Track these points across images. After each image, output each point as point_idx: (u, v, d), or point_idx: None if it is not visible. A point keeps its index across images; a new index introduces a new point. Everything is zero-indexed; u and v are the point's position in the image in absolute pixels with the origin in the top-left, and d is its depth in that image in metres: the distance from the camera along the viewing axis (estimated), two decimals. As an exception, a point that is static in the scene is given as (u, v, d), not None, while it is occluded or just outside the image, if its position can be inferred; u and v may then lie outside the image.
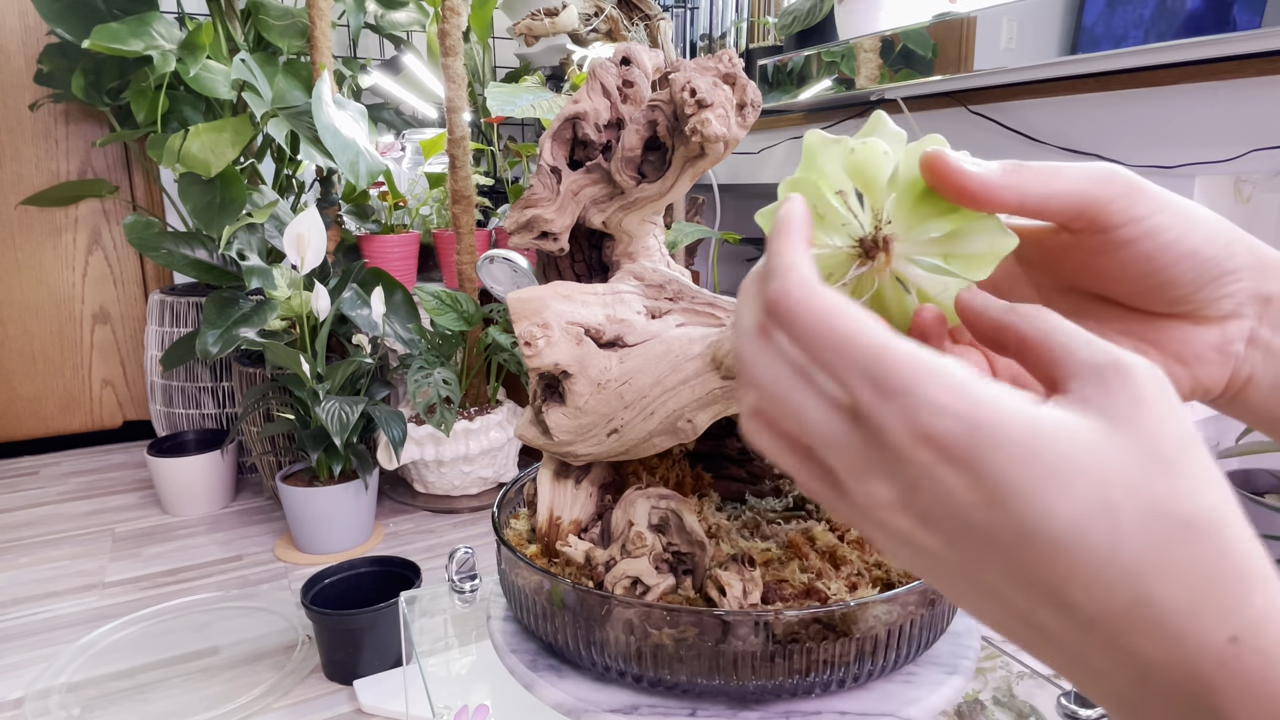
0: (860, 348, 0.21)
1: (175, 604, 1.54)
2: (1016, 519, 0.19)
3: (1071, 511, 0.18)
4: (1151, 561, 0.18)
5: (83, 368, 2.40)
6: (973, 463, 0.19)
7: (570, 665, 0.48)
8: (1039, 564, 0.19)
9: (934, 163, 0.25)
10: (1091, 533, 0.18)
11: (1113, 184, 0.25)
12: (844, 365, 0.21)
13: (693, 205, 2.00)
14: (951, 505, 0.20)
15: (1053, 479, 0.19)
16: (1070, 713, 0.50)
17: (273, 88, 1.87)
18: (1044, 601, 0.19)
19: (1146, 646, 0.18)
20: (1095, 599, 0.19)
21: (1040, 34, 1.02)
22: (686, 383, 0.46)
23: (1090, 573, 0.18)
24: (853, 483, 0.22)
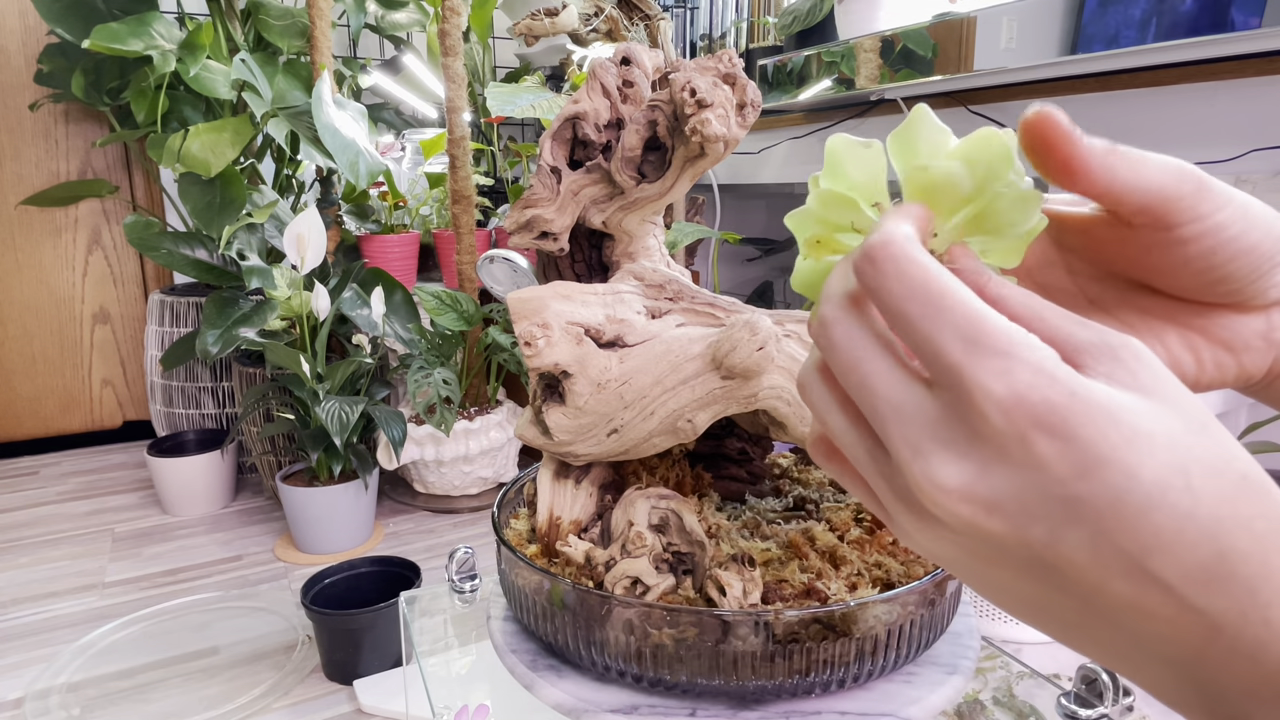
0: (959, 306, 0.20)
1: (175, 604, 1.54)
2: (1106, 487, 0.19)
3: (1153, 474, 0.19)
4: (1225, 518, 0.19)
5: (83, 368, 2.40)
6: (1068, 431, 0.19)
7: (570, 665, 0.48)
8: (1125, 533, 0.19)
9: (1043, 125, 0.23)
10: (1171, 492, 0.19)
11: (1185, 182, 0.24)
12: (940, 322, 0.20)
13: (693, 205, 2.00)
14: (1038, 480, 0.20)
15: (1133, 444, 0.19)
16: (1070, 713, 0.50)
17: (273, 88, 1.87)
18: (1121, 573, 0.19)
19: (1221, 603, 0.19)
20: (1178, 560, 0.19)
21: (1040, 34, 1.02)
22: (686, 383, 0.46)
23: (1174, 533, 0.19)
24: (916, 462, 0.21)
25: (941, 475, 0.21)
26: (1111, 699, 0.49)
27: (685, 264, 1.85)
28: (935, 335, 0.21)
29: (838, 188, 0.26)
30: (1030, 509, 0.20)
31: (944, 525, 0.21)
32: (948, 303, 0.21)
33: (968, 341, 0.20)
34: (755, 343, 0.44)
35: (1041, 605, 0.22)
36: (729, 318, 0.49)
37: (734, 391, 0.46)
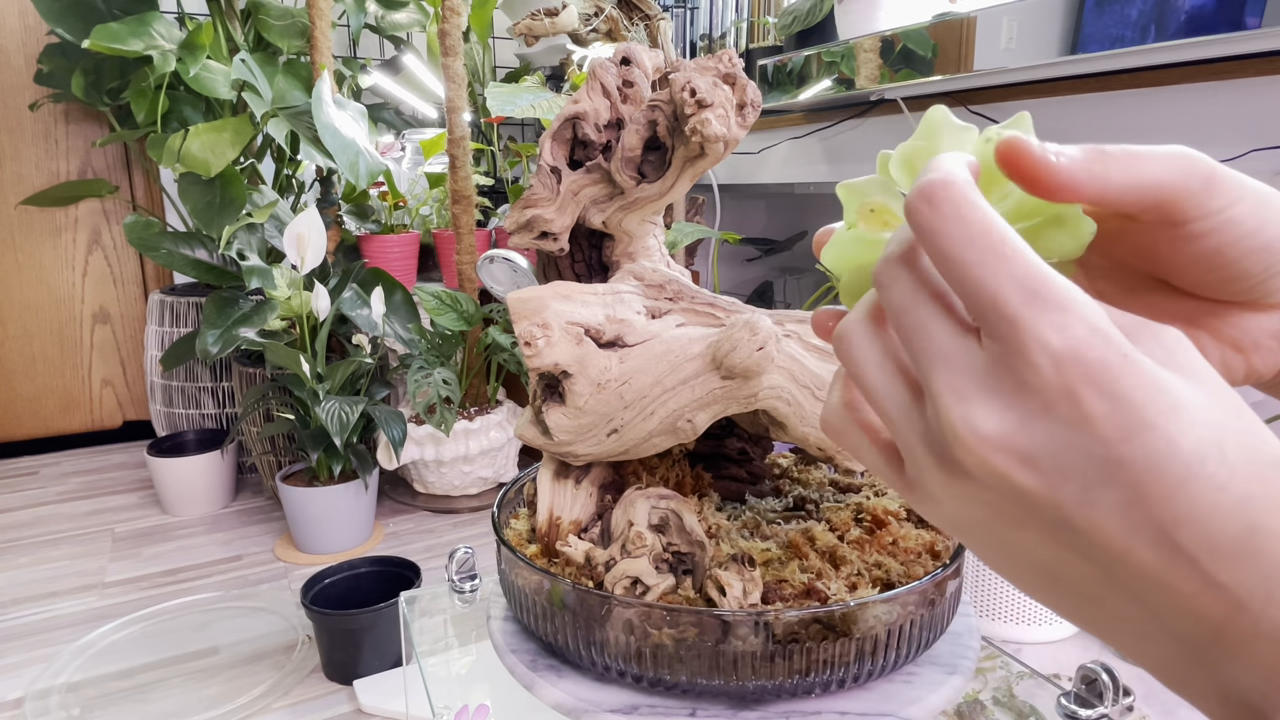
0: (1019, 256, 0.20)
1: (175, 604, 1.54)
2: (1149, 452, 0.19)
3: (1192, 445, 0.19)
4: (1257, 493, 0.19)
5: (83, 368, 2.40)
6: (1118, 391, 0.19)
7: (570, 665, 0.48)
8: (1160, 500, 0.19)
9: (1012, 151, 0.23)
10: (1209, 464, 0.19)
11: (1192, 177, 0.23)
12: (999, 270, 0.20)
13: (693, 205, 2.00)
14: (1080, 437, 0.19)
15: (1177, 413, 0.19)
16: (1070, 713, 0.50)
17: (273, 88, 1.87)
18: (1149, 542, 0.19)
19: (1247, 580, 0.19)
20: (1207, 534, 0.19)
21: (1040, 34, 1.02)
22: (686, 383, 0.46)
23: (1208, 505, 0.19)
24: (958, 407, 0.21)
25: (982, 422, 0.20)
26: (1111, 699, 0.49)
27: (685, 264, 1.85)
28: (993, 282, 0.20)
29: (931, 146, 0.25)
30: (1066, 466, 0.20)
31: (973, 480, 0.21)
32: (1008, 251, 0.20)
33: (1027, 292, 0.20)
34: (755, 343, 0.44)
35: (1059, 574, 0.21)
36: (729, 318, 0.49)
37: (734, 391, 0.46)
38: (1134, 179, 0.23)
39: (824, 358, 0.49)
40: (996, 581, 1.18)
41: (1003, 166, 0.23)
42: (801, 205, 2.42)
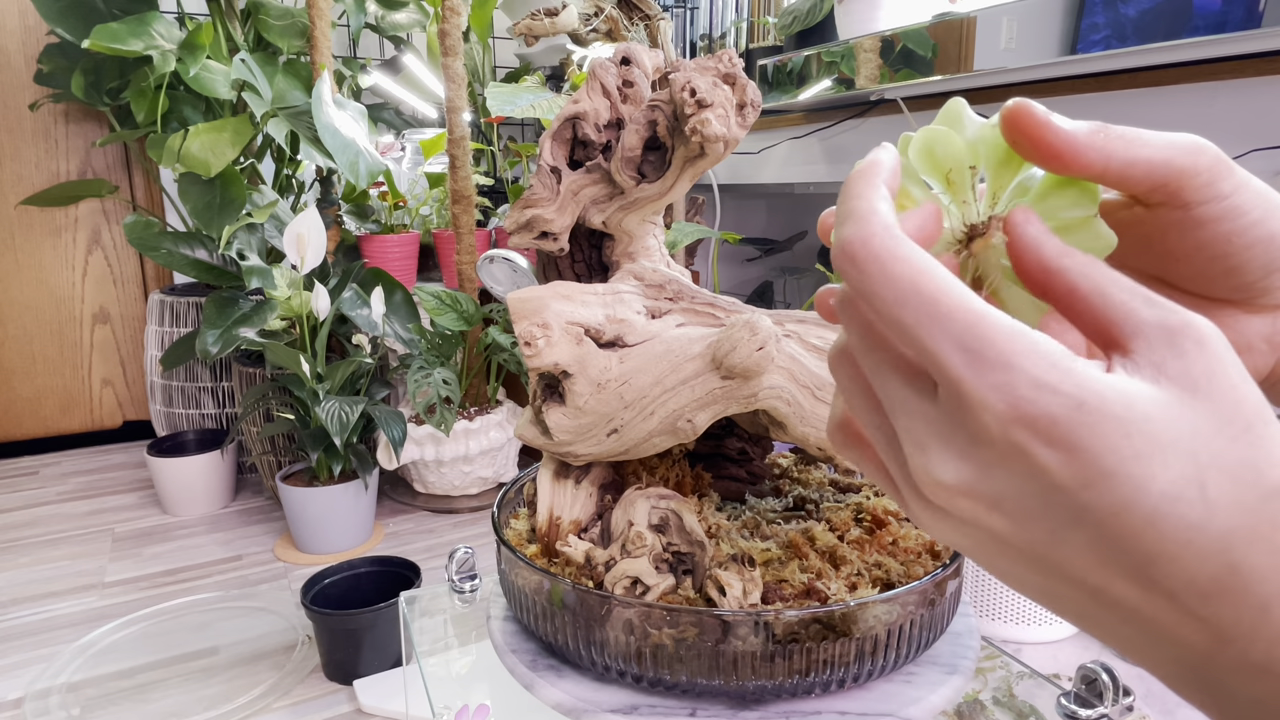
0: (953, 312, 0.20)
1: (175, 604, 1.54)
2: (1112, 497, 0.18)
3: (1163, 487, 0.18)
4: (1239, 531, 0.18)
5: (83, 368, 2.40)
6: (1073, 443, 0.19)
7: (570, 665, 0.48)
8: (1128, 540, 0.19)
9: (1018, 115, 0.23)
10: (1182, 504, 0.18)
11: (1200, 156, 0.23)
12: (935, 331, 0.20)
13: (693, 205, 2.00)
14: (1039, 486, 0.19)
15: (1145, 455, 0.18)
16: (1070, 713, 0.50)
17: (273, 88, 1.87)
18: (1123, 576, 0.19)
19: (1229, 615, 0.18)
20: (1183, 570, 0.18)
21: (1040, 34, 1.02)
22: (686, 383, 0.46)
23: (1180, 545, 0.18)
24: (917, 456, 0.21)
25: (941, 472, 0.21)
26: (1111, 699, 0.49)
27: (685, 264, 1.85)
28: (931, 345, 0.20)
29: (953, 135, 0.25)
30: (1032, 510, 0.20)
31: (950, 517, 0.21)
32: (942, 309, 0.20)
33: (966, 351, 0.19)
34: (755, 343, 0.44)
35: (1053, 595, 0.21)
36: (729, 318, 0.49)
37: (734, 391, 0.46)
38: (1138, 154, 0.23)
39: (824, 358, 0.49)
40: (996, 581, 1.18)
41: (1008, 131, 0.23)
42: (801, 205, 2.42)
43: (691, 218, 1.98)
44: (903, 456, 0.22)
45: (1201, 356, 0.19)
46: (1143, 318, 0.20)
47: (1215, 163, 0.23)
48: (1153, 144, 0.23)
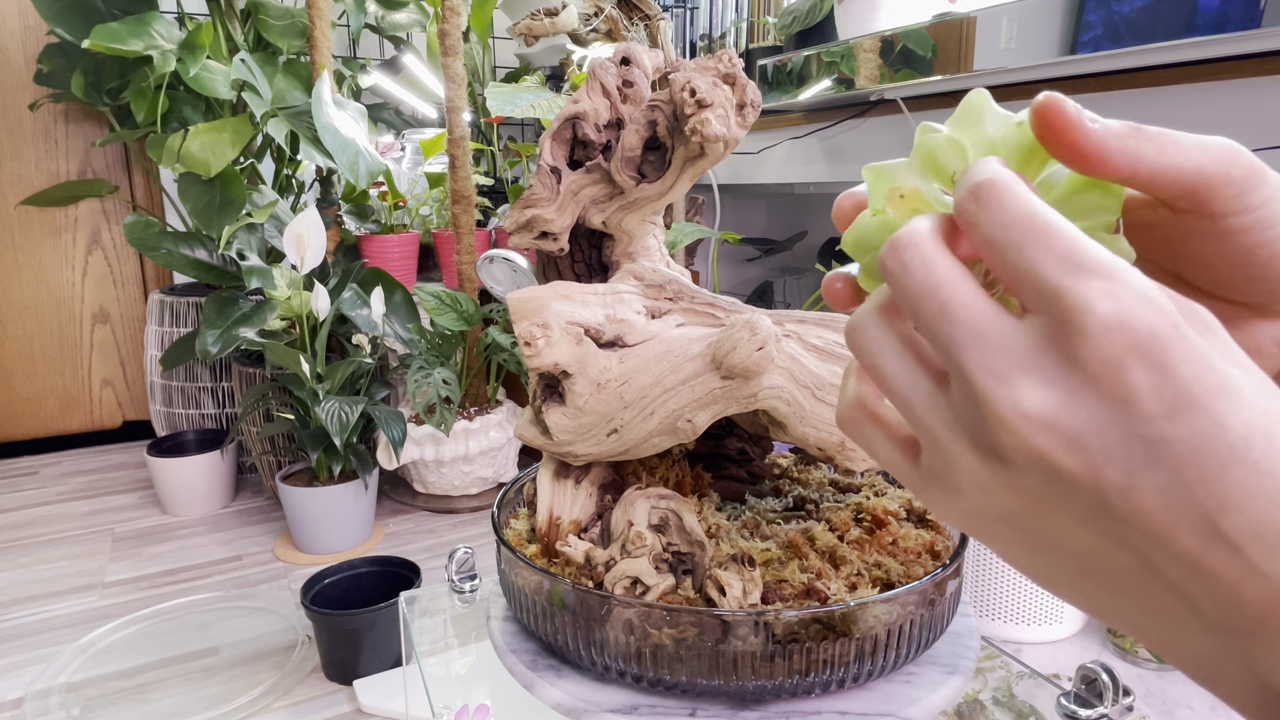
0: (1064, 234, 0.20)
1: (175, 604, 1.54)
2: (1192, 431, 0.18)
3: (1239, 428, 0.18)
4: None
5: (82, 368, 2.40)
6: (1166, 364, 0.19)
7: (570, 665, 0.48)
8: (1202, 484, 0.18)
9: (1049, 111, 0.22)
10: (1254, 449, 0.18)
11: (1233, 166, 0.23)
12: (1043, 246, 0.20)
13: (693, 205, 2.00)
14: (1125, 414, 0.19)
15: (1224, 393, 0.19)
16: (1070, 713, 0.50)
17: (273, 88, 1.87)
18: (1189, 527, 0.19)
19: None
20: (1250, 520, 0.18)
21: (1040, 34, 1.02)
22: (686, 383, 0.46)
23: (1253, 490, 0.18)
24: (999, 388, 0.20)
25: (1028, 401, 0.20)
26: (1111, 699, 0.49)
27: (685, 264, 1.85)
28: (1037, 259, 0.20)
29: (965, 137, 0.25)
30: (1111, 447, 0.19)
31: (1010, 466, 0.21)
32: (1052, 230, 0.20)
33: (1072, 265, 0.20)
34: (755, 343, 0.44)
35: (1092, 566, 0.21)
36: (729, 318, 0.49)
37: (734, 391, 0.46)
38: (1169, 161, 0.23)
39: (824, 358, 0.49)
40: (996, 581, 1.18)
41: (1037, 126, 0.23)
42: (801, 205, 2.42)
43: (691, 218, 1.98)
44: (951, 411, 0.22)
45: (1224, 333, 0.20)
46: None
47: (1248, 173, 0.23)
48: (1186, 150, 0.23)
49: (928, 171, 0.25)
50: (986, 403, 0.21)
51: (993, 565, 1.18)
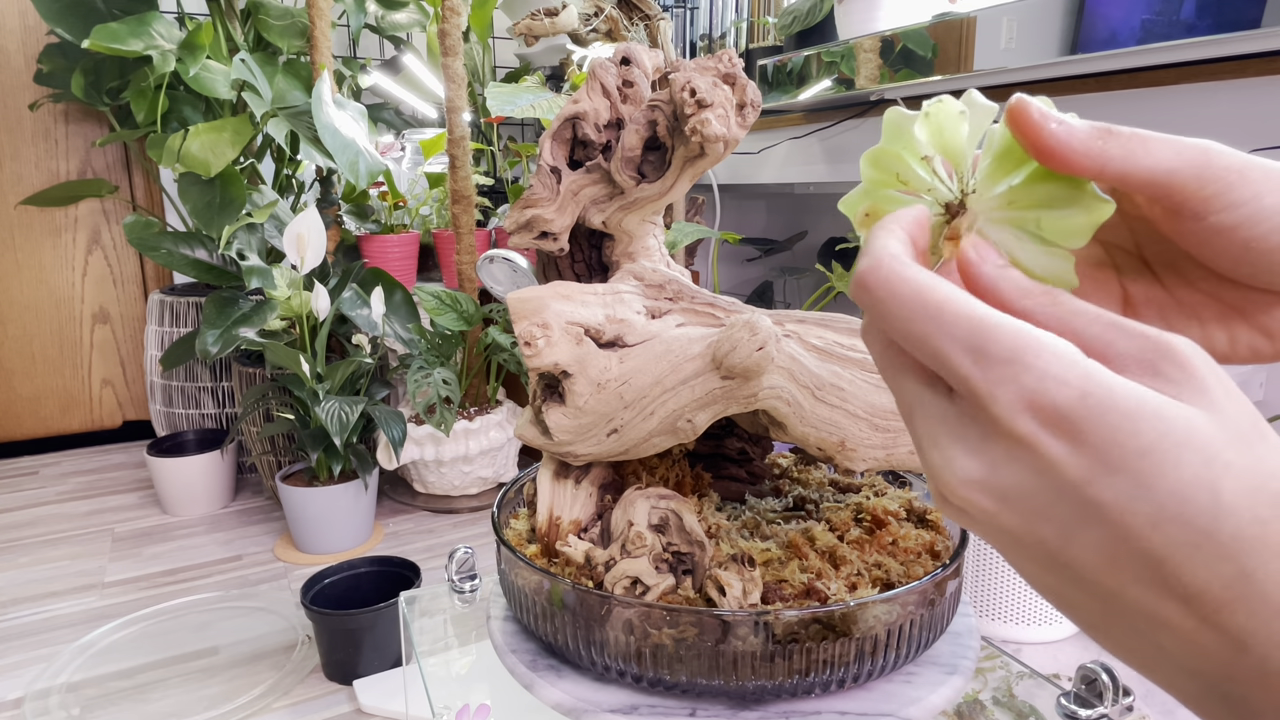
0: (957, 319, 0.21)
1: (175, 604, 1.54)
2: (1116, 493, 0.19)
3: (1171, 486, 0.18)
4: (1251, 536, 0.18)
5: (82, 368, 2.40)
6: (1079, 433, 0.19)
7: (570, 665, 0.48)
8: (1135, 540, 0.19)
9: (1017, 113, 0.24)
10: (1190, 506, 0.18)
11: (1206, 169, 0.23)
12: (943, 337, 0.21)
13: (693, 205, 2.00)
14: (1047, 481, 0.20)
15: (1154, 452, 0.18)
16: (1070, 713, 0.50)
17: (273, 88, 1.87)
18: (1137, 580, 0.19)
19: (1246, 622, 0.18)
20: (1193, 575, 0.18)
21: (1040, 34, 1.02)
22: (686, 383, 0.46)
23: (1189, 547, 0.18)
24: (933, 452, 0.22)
25: (956, 469, 0.21)
26: (1111, 699, 0.49)
27: (685, 264, 1.85)
28: (941, 350, 0.21)
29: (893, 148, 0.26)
30: (1041, 508, 0.20)
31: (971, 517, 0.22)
32: (947, 316, 0.21)
33: (972, 351, 0.20)
34: (755, 343, 0.44)
35: (1067, 600, 0.21)
36: (729, 318, 0.49)
37: (734, 391, 0.46)
38: (1137, 162, 0.23)
39: (824, 358, 0.49)
40: (996, 581, 1.18)
41: (1009, 125, 0.24)
42: (801, 205, 2.42)
43: (691, 218, 1.98)
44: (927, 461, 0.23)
45: (1187, 377, 0.19)
46: (1121, 350, 0.20)
47: (1225, 173, 0.23)
48: (1156, 153, 0.23)
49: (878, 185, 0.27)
50: (928, 463, 0.22)
51: (993, 565, 1.18)
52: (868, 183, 0.27)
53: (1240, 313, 0.26)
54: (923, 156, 0.26)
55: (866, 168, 0.27)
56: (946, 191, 0.26)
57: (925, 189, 0.26)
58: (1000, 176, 0.25)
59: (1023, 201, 0.25)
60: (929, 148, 0.26)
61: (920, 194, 0.26)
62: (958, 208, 0.26)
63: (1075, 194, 0.24)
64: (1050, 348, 0.20)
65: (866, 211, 0.28)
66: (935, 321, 0.21)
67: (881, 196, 0.27)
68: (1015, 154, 0.25)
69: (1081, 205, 0.24)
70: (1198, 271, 0.26)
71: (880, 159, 0.27)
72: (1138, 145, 0.23)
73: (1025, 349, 0.20)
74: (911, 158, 0.26)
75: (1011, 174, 0.25)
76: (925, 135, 0.26)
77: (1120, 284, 0.28)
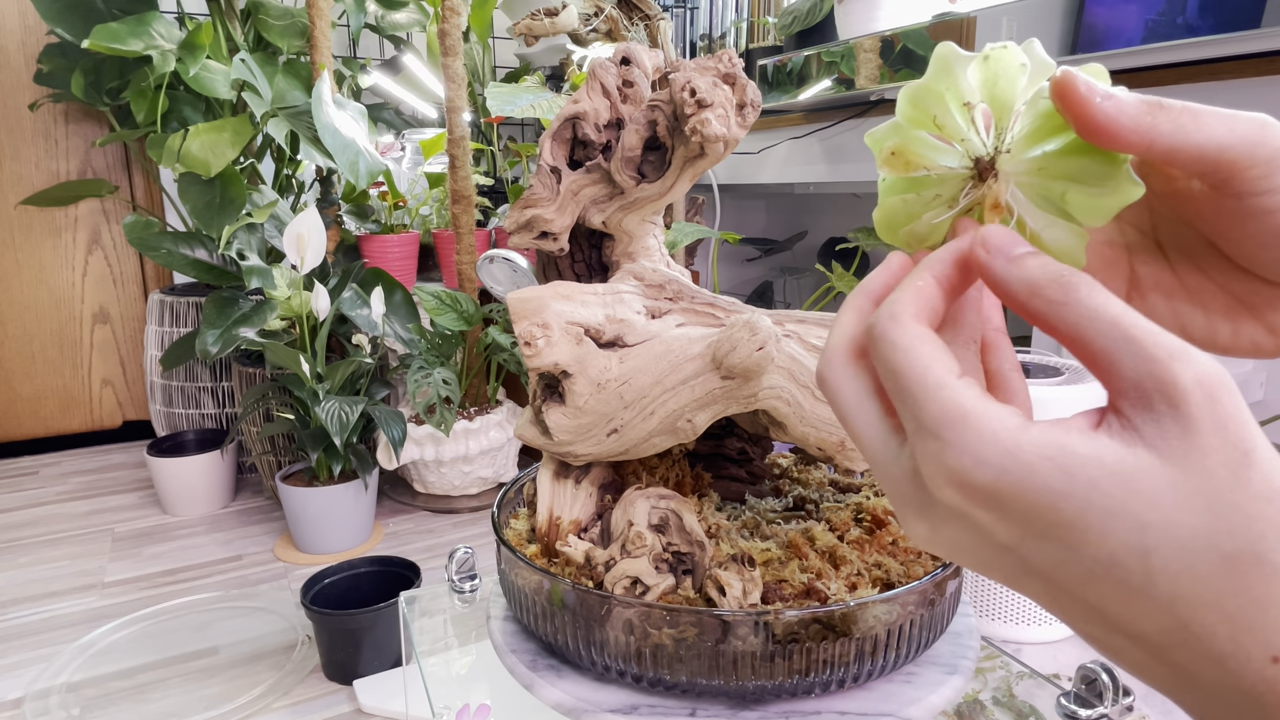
0: (915, 383, 0.21)
1: (175, 604, 1.54)
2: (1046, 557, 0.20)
3: (1095, 553, 0.19)
4: (1188, 595, 0.18)
5: (82, 368, 2.40)
6: (1002, 505, 0.20)
7: (570, 665, 0.48)
8: (1073, 592, 0.20)
9: (1063, 86, 0.23)
10: (1118, 570, 0.19)
11: (1260, 148, 0.22)
12: (900, 398, 0.22)
13: (693, 205, 2.00)
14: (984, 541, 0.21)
15: (1078, 523, 0.19)
16: (1070, 713, 0.50)
17: (273, 88, 1.87)
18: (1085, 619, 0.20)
19: (1189, 663, 0.19)
20: (1131, 624, 0.19)
21: (1040, 34, 1.02)
22: (686, 383, 0.46)
23: (1121, 604, 0.19)
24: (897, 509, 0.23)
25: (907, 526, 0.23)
26: (1111, 699, 0.49)
27: (685, 264, 1.85)
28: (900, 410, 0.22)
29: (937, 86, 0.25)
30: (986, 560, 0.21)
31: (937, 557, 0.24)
32: (903, 381, 0.22)
33: (914, 420, 0.21)
34: (755, 343, 0.44)
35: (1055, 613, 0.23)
36: (729, 318, 0.49)
37: (734, 391, 0.46)
38: (1188, 138, 0.22)
39: (824, 358, 0.49)
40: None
41: (1055, 100, 0.23)
42: (801, 205, 2.42)
43: (691, 218, 1.98)
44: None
45: (1175, 422, 0.19)
46: (1122, 372, 0.20)
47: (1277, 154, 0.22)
48: (1208, 128, 0.22)
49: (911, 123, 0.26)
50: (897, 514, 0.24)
51: (993, 565, 1.18)
52: (902, 118, 0.26)
53: (1248, 306, 0.26)
54: (965, 103, 0.25)
55: (904, 103, 0.26)
56: (980, 146, 0.25)
57: (959, 138, 0.25)
58: (1037, 140, 0.24)
59: (1053, 170, 0.24)
60: (977, 94, 0.25)
61: (953, 142, 0.25)
62: (987, 165, 0.25)
63: (1109, 171, 0.23)
64: (975, 425, 0.20)
65: (892, 150, 0.26)
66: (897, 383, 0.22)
67: (912, 137, 0.26)
68: (1056, 120, 0.24)
69: (1112, 185, 0.23)
70: (1212, 259, 0.26)
71: (920, 97, 0.25)
72: (1189, 120, 0.22)
73: (949, 425, 0.20)
74: (954, 101, 0.25)
75: (1048, 140, 0.24)
76: (978, 81, 0.25)
77: (1130, 264, 0.27)
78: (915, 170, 0.26)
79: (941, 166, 0.26)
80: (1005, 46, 0.24)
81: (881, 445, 0.23)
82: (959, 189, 0.26)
